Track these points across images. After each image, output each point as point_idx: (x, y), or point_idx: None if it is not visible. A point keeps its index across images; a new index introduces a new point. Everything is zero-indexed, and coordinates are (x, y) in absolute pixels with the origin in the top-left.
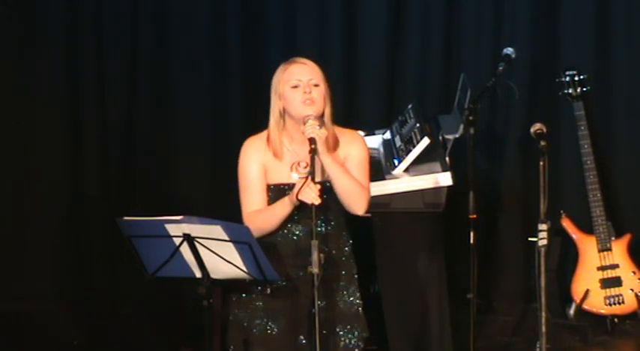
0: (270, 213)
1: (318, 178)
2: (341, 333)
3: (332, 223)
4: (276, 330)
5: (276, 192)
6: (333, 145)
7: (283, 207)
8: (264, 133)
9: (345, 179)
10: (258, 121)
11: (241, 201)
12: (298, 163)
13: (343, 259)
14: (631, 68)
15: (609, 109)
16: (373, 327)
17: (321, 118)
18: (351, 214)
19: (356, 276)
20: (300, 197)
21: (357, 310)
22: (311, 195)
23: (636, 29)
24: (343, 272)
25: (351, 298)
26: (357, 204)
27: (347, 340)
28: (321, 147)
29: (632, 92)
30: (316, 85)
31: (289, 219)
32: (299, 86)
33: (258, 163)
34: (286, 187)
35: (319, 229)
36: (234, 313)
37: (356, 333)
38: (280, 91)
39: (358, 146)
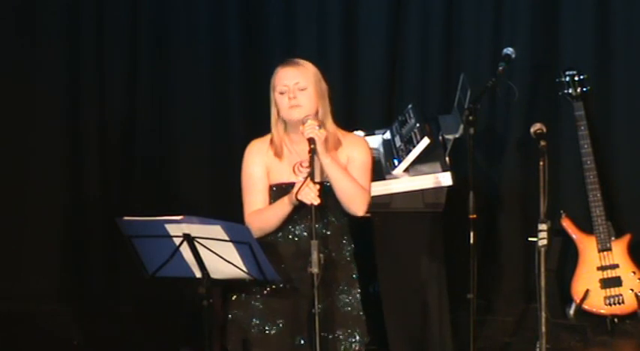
0: (271, 212)
1: (317, 179)
2: (341, 337)
3: (332, 225)
4: (274, 330)
5: (279, 192)
6: (334, 144)
7: (282, 206)
8: (268, 136)
9: (345, 180)
10: (258, 122)
11: (244, 201)
12: (300, 164)
13: (343, 262)
14: (631, 68)
15: (609, 109)
16: (373, 327)
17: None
18: (351, 215)
19: (357, 280)
20: (299, 197)
21: (358, 314)
22: (310, 195)
23: (636, 29)
24: (343, 275)
25: (352, 302)
26: (356, 205)
27: (347, 344)
28: (320, 147)
29: (632, 92)
30: (303, 89)
31: (290, 219)
32: (285, 92)
33: (261, 165)
34: (288, 186)
35: (322, 230)
36: (234, 313)
37: (357, 337)
38: (273, 97)
39: (361, 149)
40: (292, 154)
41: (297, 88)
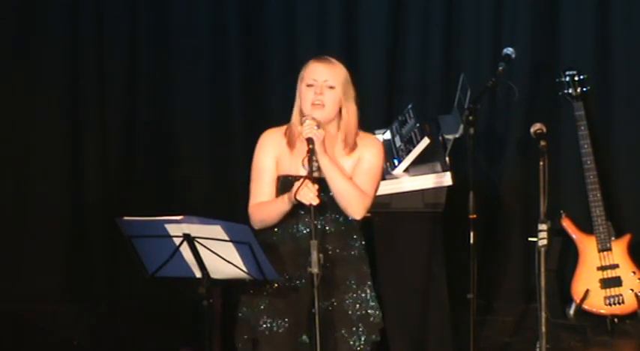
0: (271, 207)
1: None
2: (346, 335)
3: (336, 222)
4: (282, 329)
5: (285, 183)
6: (352, 147)
7: (282, 204)
8: (283, 127)
9: (342, 182)
10: (258, 122)
11: (250, 190)
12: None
13: (351, 259)
14: (631, 68)
15: (609, 109)
16: (383, 332)
17: (338, 116)
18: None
19: (368, 277)
20: (297, 197)
21: (367, 313)
22: (309, 195)
23: (636, 29)
24: (352, 273)
25: (360, 300)
26: (352, 208)
27: (352, 343)
28: (318, 147)
29: (632, 92)
30: (331, 88)
31: (293, 217)
32: (313, 85)
33: (272, 156)
34: (294, 179)
35: (326, 228)
36: (243, 311)
37: (362, 336)
38: (299, 88)
39: (374, 152)
40: (304, 147)
41: (326, 85)
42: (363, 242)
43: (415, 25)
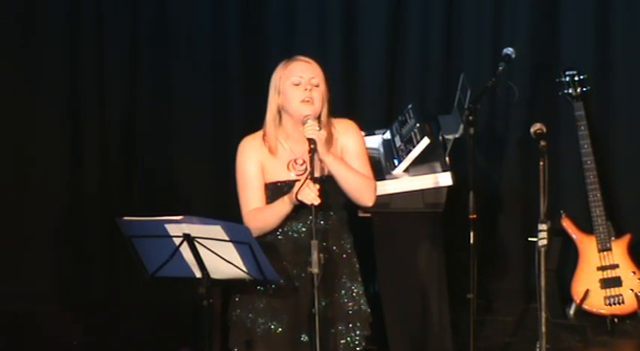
0: (270, 212)
1: (316, 174)
2: (343, 331)
3: (332, 218)
4: (279, 329)
5: (274, 190)
6: (331, 142)
7: (283, 206)
8: (260, 132)
9: (350, 175)
10: (258, 121)
11: (240, 200)
12: (295, 161)
13: (344, 255)
14: (631, 68)
15: (609, 109)
16: (373, 327)
17: (318, 118)
18: (351, 210)
19: (358, 273)
20: (299, 197)
21: (359, 308)
22: (310, 195)
23: (636, 29)
24: (345, 269)
25: (354, 296)
26: (365, 197)
27: (348, 339)
28: (321, 148)
29: (632, 92)
30: (317, 85)
31: (289, 217)
32: (300, 84)
33: (256, 162)
34: (283, 184)
35: (327, 226)
36: (237, 313)
37: (357, 331)
38: (280, 87)
39: (353, 135)
40: (286, 151)
41: (313, 83)
42: (352, 238)
43: (415, 25)
